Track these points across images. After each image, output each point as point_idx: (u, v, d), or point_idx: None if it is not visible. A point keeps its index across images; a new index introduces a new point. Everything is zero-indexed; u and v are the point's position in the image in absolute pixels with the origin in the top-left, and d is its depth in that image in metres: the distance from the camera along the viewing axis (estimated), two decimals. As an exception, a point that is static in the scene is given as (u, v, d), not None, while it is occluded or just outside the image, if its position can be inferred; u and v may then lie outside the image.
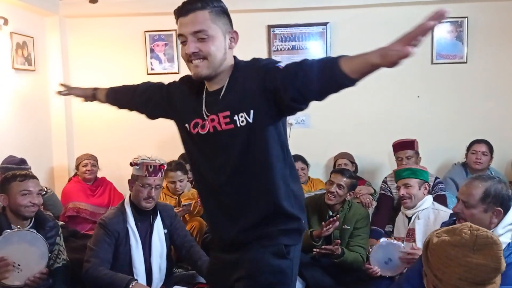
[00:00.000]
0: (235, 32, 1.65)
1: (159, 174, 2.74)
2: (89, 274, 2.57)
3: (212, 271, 1.87)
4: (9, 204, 2.46)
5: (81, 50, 4.57)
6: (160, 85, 1.89)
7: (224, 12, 1.63)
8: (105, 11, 4.42)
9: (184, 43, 1.59)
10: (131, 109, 2.03)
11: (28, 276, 2.30)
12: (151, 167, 2.68)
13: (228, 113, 1.57)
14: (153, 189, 2.70)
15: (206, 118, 1.63)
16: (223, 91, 1.62)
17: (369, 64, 1.35)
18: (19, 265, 2.27)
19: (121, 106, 2.07)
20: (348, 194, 3.19)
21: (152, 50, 4.50)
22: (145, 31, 4.48)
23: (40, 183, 2.61)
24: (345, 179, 3.15)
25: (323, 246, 2.96)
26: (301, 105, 1.50)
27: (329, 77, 1.40)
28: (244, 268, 1.68)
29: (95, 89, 2.12)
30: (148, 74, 4.52)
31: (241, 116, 1.56)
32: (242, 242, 1.69)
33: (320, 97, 1.46)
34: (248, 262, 1.68)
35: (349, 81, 1.39)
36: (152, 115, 2.00)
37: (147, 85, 1.95)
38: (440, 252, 1.26)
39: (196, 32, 1.55)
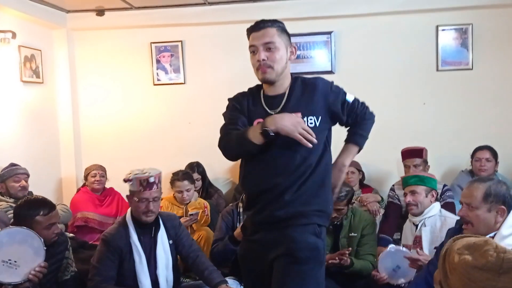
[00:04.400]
0: (294, 47, 2.06)
1: (154, 186, 2.68)
2: None
3: (246, 255, 2.13)
4: None
5: (88, 62, 4.62)
6: (236, 112, 2.10)
7: (285, 31, 2.03)
8: (111, 24, 4.48)
9: (254, 52, 2.00)
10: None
11: (27, 271, 2.23)
12: (144, 181, 2.64)
13: (300, 114, 1.95)
14: (151, 202, 2.66)
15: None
16: (285, 96, 2.02)
17: None
18: (15, 261, 2.21)
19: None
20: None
21: (158, 61, 4.54)
22: (151, 43, 4.52)
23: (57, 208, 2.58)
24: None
25: (330, 261, 2.93)
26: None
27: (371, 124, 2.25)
28: (283, 246, 1.94)
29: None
30: (154, 84, 4.56)
31: (310, 119, 1.96)
32: (281, 219, 1.96)
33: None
34: (288, 240, 1.94)
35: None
36: None
37: (236, 119, 2.12)
38: (462, 273, 1.22)
39: (266, 43, 1.96)
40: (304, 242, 1.95)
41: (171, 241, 2.81)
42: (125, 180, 2.68)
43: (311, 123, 1.96)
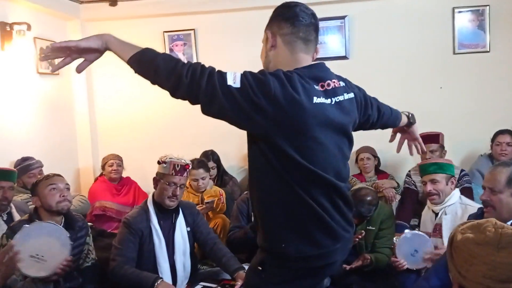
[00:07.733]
0: (267, 32, 1.70)
1: (185, 173, 2.78)
2: (115, 273, 2.61)
3: None
4: (42, 204, 2.50)
5: (102, 53, 4.64)
6: None
7: (271, 19, 1.71)
8: (124, 14, 4.49)
9: None
10: None
11: (53, 266, 2.28)
12: (178, 166, 2.72)
13: None
14: (178, 188, 2.75)
15: None
16: None
17: None
18: (42, 256, 2.26)
19: None
20: None
21: (171, 50, 4.54)
22: (164, 32, 4.53)
23: (65, 179, 2.66)
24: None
25: (353, 266, 2.93)
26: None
27: None
28: None
29: None
30: (168, 74, 4.56)
31: None
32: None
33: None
34: None
35: None
36: None
37: None
38: (463, 249, 1.24)
39: None
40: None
41: (189, 228, 2.86)
42: (159, 162, 2.75)
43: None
